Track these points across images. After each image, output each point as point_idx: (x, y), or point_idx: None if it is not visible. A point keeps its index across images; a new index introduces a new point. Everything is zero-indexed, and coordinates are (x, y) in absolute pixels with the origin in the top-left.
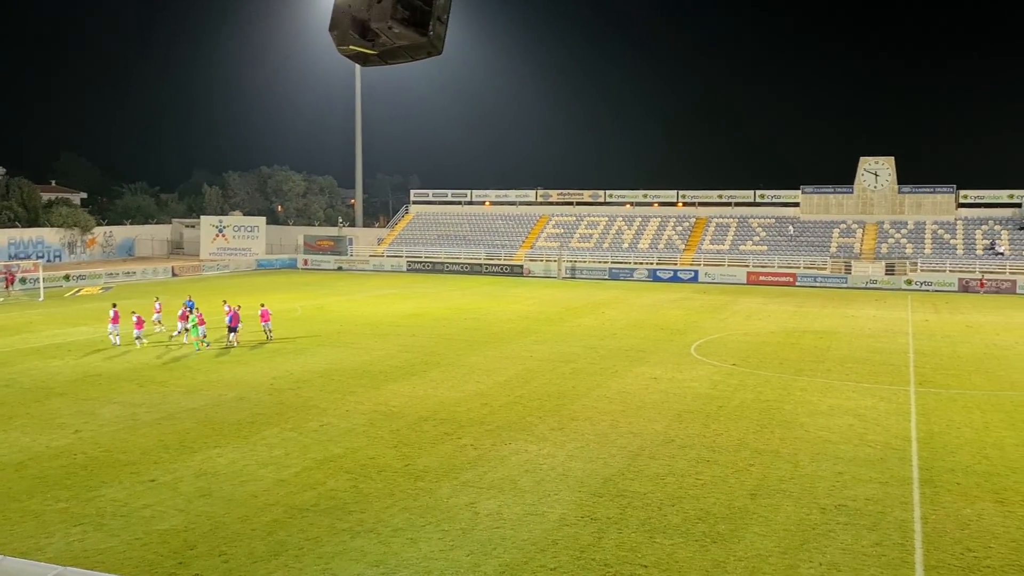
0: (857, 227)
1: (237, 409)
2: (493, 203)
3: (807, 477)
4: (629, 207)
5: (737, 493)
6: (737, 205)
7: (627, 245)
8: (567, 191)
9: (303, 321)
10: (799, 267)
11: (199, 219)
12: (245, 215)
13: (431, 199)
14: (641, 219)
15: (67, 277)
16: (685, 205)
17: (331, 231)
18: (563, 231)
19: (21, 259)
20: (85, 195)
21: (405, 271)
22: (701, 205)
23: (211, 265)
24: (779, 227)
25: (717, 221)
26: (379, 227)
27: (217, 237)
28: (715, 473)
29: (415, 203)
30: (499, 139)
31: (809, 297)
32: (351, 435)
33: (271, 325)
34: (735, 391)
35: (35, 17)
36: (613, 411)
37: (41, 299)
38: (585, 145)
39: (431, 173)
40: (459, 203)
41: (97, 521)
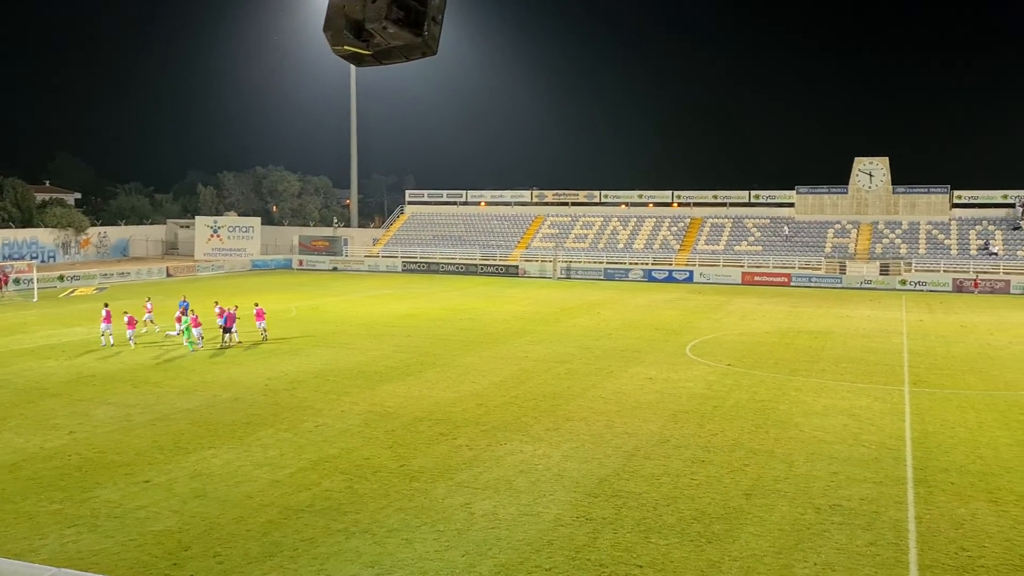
0: (852, 227)
1: (232, 410)
2: (488, 203)
3: (802, 477)
4: (624, 207)
5: (732, 493)
6: (732, 205)
7: (622, 245)
8: (562, 191)
9: (298, 322)
10: (794, 267)
11: (194, 219)
12: (240, 215)
13: (426, 199)
14: (636, 219)
15: (61, 278)
16: (680, 205)
17: (326, 231)
18: (558, 231)
19: (15, 260)
20: (79, 195)
21: (400, 271)
22: (696, 205)
23: (206, 266)
24: (774, 227)
25: (712, 221)
26: (374, 227)
27: (212, 237)
28: (710, 473)
29: (410, 203)
30: (493, 139)
31: (804, 297)
32: (346, 436)
33: (266, 324)
34: (730, 391)
35: (29, 17)
36: (608, 411)
37: (35, 300)
38: (579, 145)
39: (426, 173)
40: (454, 203)
41: (91, 522)
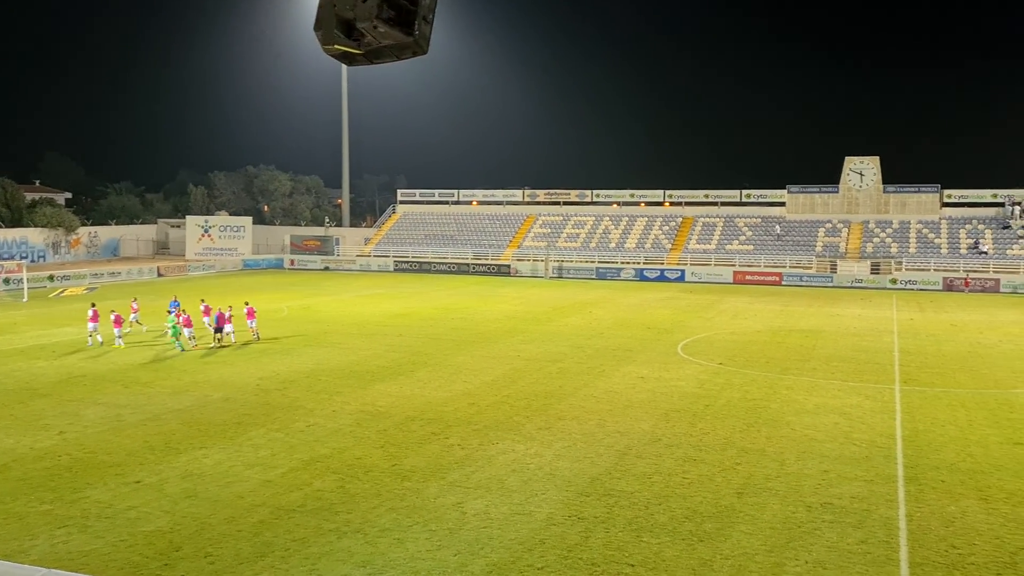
0: (842, 226)
1: (223, 410)
2: (480, 203)
3: (793, 475)
4: (616, 207)
5: (724, 492)
6: (723, 205)
7: (614, 245)
8: (554, 191)
9: (290, 321)
10: (785, 266)
11: (185, 219)
12: (231, 215)
13: (418, 199)
14: (628, 219)
15: (51, 278)
16: (672, 205)
17: (318, 231)
18: (550, 231)
19: (5, 259)
20: (69, 195)
21: (392, 271)
22: (687, 205)
23: (197, 265)
24: (765, 226)
25: (703, 221)
26: (366, 227)
27: (203, 237)
28: (702, 472)
29: (402, 203)
30: (483, 137)
31: (795, 296)
32: (338, 435)
33: (256, 323)
34: (721, 390)
35: (18, 16)
36: (600, 410)
37: (25, 300)
38: (569, 143)
39: (417, 172)
40: (446, 203)
41: (82, 523)
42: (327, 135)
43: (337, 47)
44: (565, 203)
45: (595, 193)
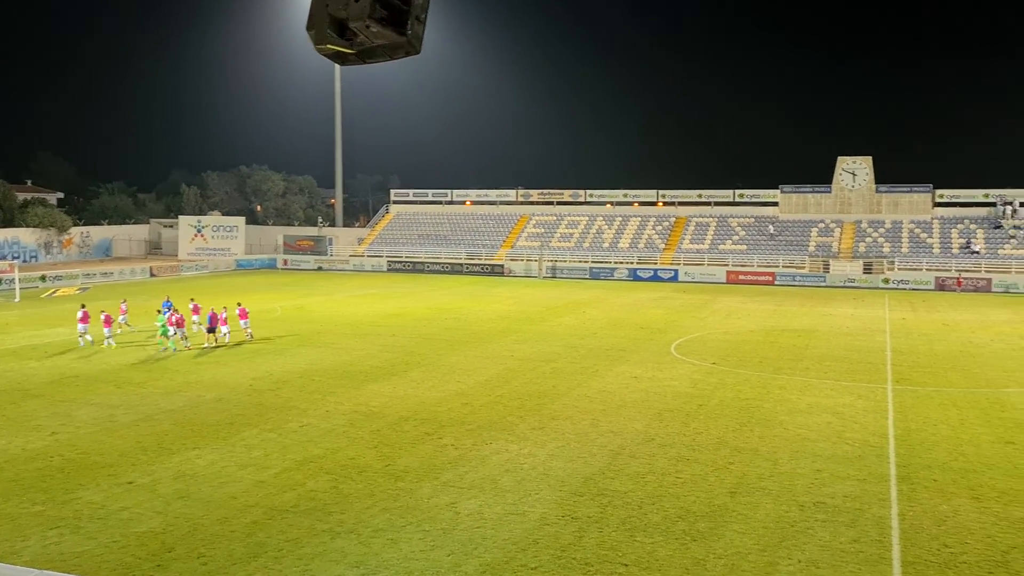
0: (835, 226)
1: (216, 410)
2: (474, 203)
3: (786, 475)
4: (609, 207)
5: (717, 491)
6: (716, 204)
7: (607, 244)
8: (548, 191)
9: (283, 321)
10: (778, 266)
11: (177, 219)
12: (224, 215)
13: (411, 199)
14: (621, 218)
15: (43, 278)
16: (665, 205)
17: (311, 231)
18: (544, 231)
19: None
20: (61, 195)
21: (386, 271)
22: (681, 204)
23: (190, 265)
24: (758, 226)
25: (697, 220)
26: (359, 227)
27: (196, 237)
28: (695, 471)
29: (395, 203)
30: (476, 137)
31: (788, 296)
32: (331, 436)
33: (249, 323)
34: (715, 390)
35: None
36: (594, 410)
37: (17, 300)
38: (562, 143)
39: (410, 171)
40: (439, 203)
41: (74, 524)
42: (320, 135)
43: (330, 47)
44: (558, 203)
45: (588, 193)
